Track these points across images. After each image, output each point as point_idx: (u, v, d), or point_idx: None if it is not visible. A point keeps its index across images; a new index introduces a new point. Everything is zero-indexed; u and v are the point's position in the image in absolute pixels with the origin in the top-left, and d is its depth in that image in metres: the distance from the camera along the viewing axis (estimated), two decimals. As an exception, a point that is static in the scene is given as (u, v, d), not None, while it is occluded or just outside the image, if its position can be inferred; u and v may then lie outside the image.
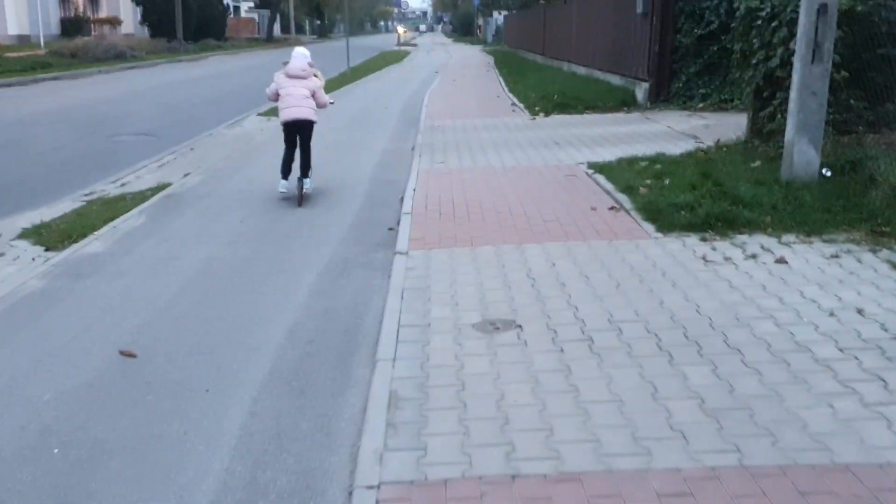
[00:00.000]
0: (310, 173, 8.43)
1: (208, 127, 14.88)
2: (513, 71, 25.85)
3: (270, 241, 7.00)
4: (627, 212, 7.14)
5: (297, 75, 8.46)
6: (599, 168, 9.01)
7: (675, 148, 10.28)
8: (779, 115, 8.36)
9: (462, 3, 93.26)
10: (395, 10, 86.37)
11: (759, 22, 8.57)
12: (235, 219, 7.78)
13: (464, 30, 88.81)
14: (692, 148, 10.13)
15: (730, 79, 10.23)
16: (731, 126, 11.58)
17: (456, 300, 5.09)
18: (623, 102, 15.08)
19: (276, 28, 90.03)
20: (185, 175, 10.09)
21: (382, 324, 4.77)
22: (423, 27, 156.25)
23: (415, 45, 68.32)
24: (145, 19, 51.13)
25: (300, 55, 8.62)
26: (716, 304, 4.85)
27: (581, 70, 21.19)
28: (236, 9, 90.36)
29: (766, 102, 8.80)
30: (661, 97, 14.74)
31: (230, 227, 7.46)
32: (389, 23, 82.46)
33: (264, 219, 7.80)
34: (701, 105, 14.23)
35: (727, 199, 6.93)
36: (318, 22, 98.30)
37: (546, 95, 16.38)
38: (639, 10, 14.92)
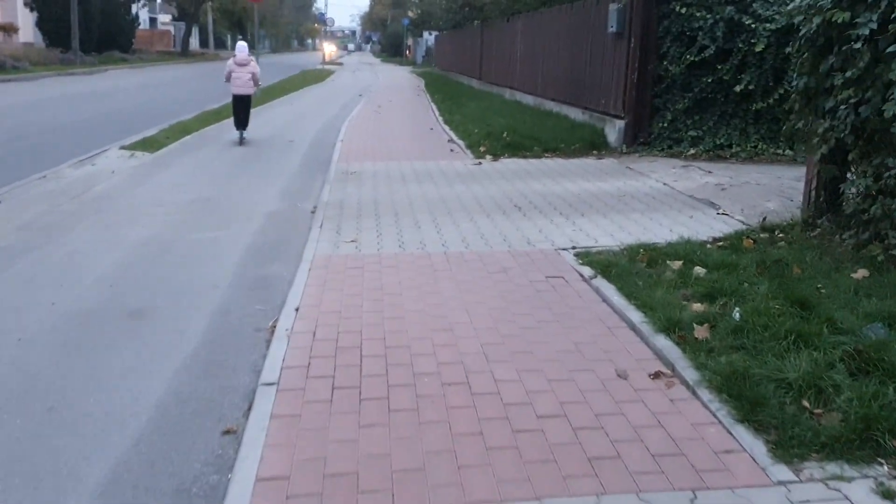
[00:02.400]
0: (247, 126, 13.15)
1: (49, 163, 11.03)
2: (447, 97, 22.55)
3: None
4: (692, 389, 3.79)
5: (243, 63, 12.88)
6: (599, 266, 5.66)
7: (697, 225, 7.05)
8: (881, 197, 5.22)
9: (391, 22, 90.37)
10: (323, 28, 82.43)
11: (857, 45, 5.38)
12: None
13: (393, 50, 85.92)
14: (725, 227, 6.92)
15: (785, 129, 7.04)
16: (756, 189, 8.44)
17: None
18: (592, 145, 11.88)
19: (195, 42, 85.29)
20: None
21: None
22: (351, 46, 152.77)
23: (340, 64, 64.76)
24: (40, 27, 46.20)
25: (243, 47, 13.02)
26: None
27: (528, 99, 18.03)
28: (153, 20, 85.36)
29: (860, 168, 5.63)
30: (640, 139, 11.60)
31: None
32: (317, 40, 78.77)
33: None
34: (692, 151, 11.13)
35: (872, 364, 3.67)
36: (240, 37, 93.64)
37: (493, 132, 13.06)
38: (611, 28, 11.79)
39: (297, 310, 4.87)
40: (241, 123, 13.28)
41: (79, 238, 6.88)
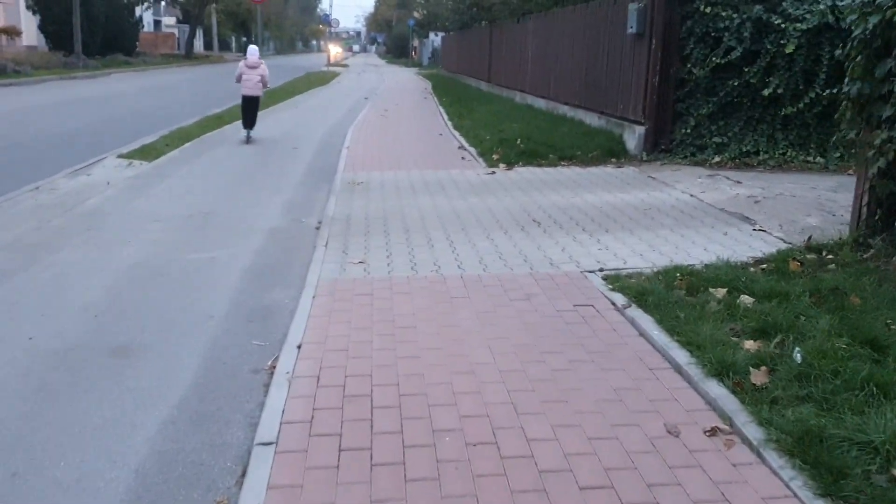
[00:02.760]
0: (254, 126, 13.65)
1: (44, 172, 10.56)
2: (455, 100, 22.02)
3: None
4: (757, 451, 3.26)
5: (253, 65, 13.42)
6: (633, 293, 5.13)
7: (733, 243, 6.51)
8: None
9: (397, 23, 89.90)
10: (328, 30, 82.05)
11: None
12: None
13: (398, 51, 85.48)
14: (765, 246, 6.38)
15: (836, 139, 6.50)
16: (792, 202, 7.89)
17: None
18: (610, 152, 11.33)
19: (200, 44, 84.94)
20: None
21: None
22: (356, 47, 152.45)
23: (346, 65, 64.32)
24: (43, 30, 45.88)
25: (254, 50, 13.54)
26: None
27: (540, 103, 17.49)
28: (157, 23, 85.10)
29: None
30: (662, 146, 11.05)
31: None
32: (322, 42, 78.17)
33: None
34: (717, 159, 10.59)
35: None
36: (245, 39, 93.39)
37: (506, 139, 12.53)
38: (630, 28, 11.25)
39: (299, 347, 4.35)
40: (249, 123, 13.82)
41: (66, 259, 6.38)
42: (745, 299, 4.79)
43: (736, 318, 4.55)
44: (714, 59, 10.42)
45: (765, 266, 5.62)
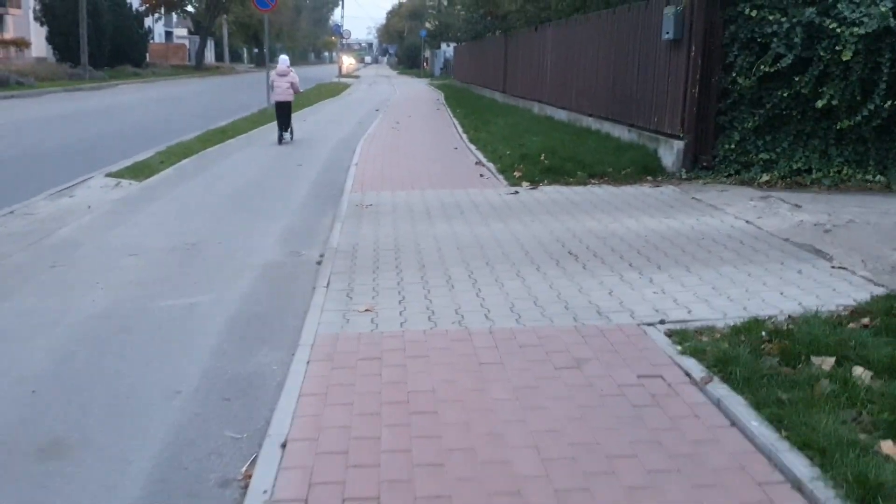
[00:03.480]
0: (289, 129, 15.16)
1: (27, 192, 9.62)
2: (470, 112, 21.00)
3: None
4: None
5: (283, 73, 14.83)
6: (711, 359, 4.05)
7: (813, 285, 5.43)
8: None
9: (408, 34, 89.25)
10: (341, 41, 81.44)
11: None
12: None
13: (410, 62, 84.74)
14: (853, 289, 5.29)
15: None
16: (868, 231, 6.81)
17: None
18: (644, 169, 10.25)
19: (210, 55, 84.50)
20: None
21: None
22: (368, 58, 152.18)
23: (357, 76, 63.56)
24: (50, 41, 45.25)
25: (284, 60, 15.07)
26: None
27: (560, 115, 16.44)
28: (169, 34, 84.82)
29: None
30: (702, 162, 9.97)
31: None
32: (334, 53, 77.72)
33: None
34: (765, 177, 9.50)
35: None
36: (256, 50, 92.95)
37: (527, 154, 11.47)
38: (666, 34, 10.18)
39: (283, 446, 3.29)
40: (283, 125, 15.16)
41: (15, 309, 5.36)
42: (862, 373, 3.71)
43: (856, 401, 3.47)
44: (761, 67, 9.33)
45: (867, 320, 4.52)
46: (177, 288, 5.81)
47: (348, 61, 72.16)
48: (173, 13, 73.53)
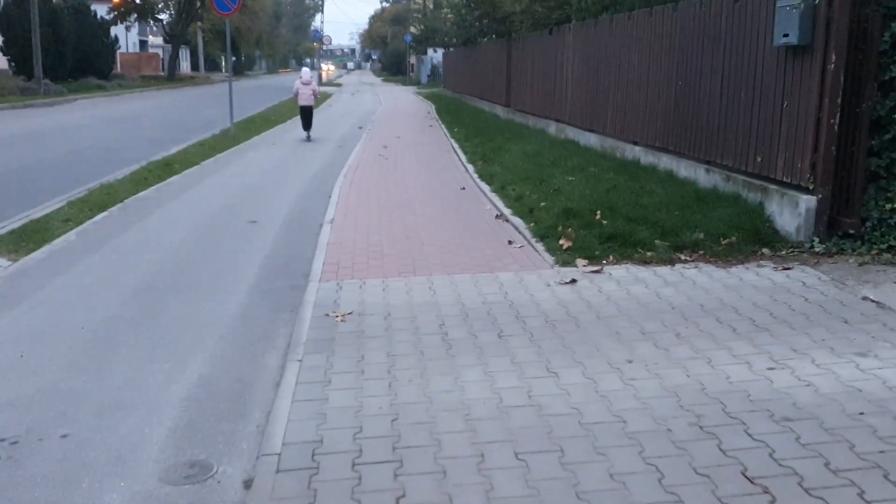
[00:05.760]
0: (311, 128, 18.02)
1: None
2: (470, 131, 17.70)
3: None
4: None
5: (307, 82, 17.64)
6: None
7: None
8: None
9: (392, 39, 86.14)
10: (323, 47, 78.11)
11: None
12: None
13: (394, 68, 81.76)
14: None
15: None
16: None
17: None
18: (753, 235, 6.96)
19: (186, 65, 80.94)
20: None
21: None
22: (350, 65, 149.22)
23: (339, 84, 60.23)
24: (5, 52, 41.57)
25: (306, 72, 18.28)
26: None
27: (589, 139, 13.19)
28: (143, 43, 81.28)
29: None
30: (846, 228, 6.70)
31: None
32: (316, 60, 73.81)
33: None
34: (954, 253, 6.22)
35: None
36: (234, 59, 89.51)
37: (572, 208, 8.16)
38: (784, 38, 6.93)
39: None
40: (307, 127, 18.04)
41: None
42: None
43: None
44: (947, 84, 6.10)
45: None
46: None
47: (325, 67, 68.98)
48: (144, 22, 69.82)
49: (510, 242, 7.58)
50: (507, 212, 8.92)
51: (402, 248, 7.42)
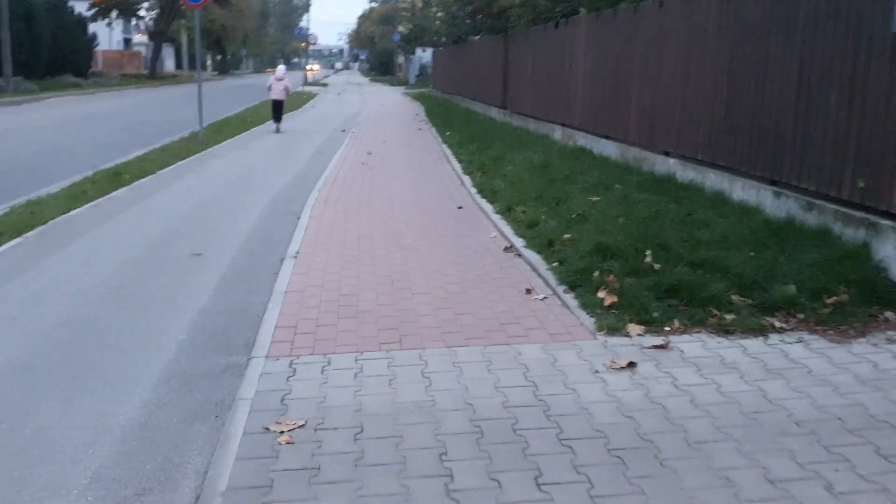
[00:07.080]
0: (281, 120, 18.72)
1: None
2: (464, 137, 15.76)
3: None
4: None
5: (280, 78, 18.55)
6: None
7: None
8: None
9: (380, 39, 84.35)
10: (310, 47, 76.14)
11: None
12: None
13: (382, 68, 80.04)
14: None
15: None
16: None
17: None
18: (871, 290, 5.07)
19: (171, 63, 78.72)
20: None
21: None
22: (338, 65, 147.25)
23: (325, 84, 58.12)
24: (-25, 49, 39.33)
25: (281, 69, 19.44)
26: None
27: (607, 148, 11.31)
28: (127, 41, 79.14)
29: None
30: None
31: None
32: (303, 59, 71.95)
33: None
34: None
35: None
36: (220, 57, 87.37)
37: (608, 244, 6.19)
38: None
39: None
40: (277, 119, 18.76)
41: None
42: None
43: None
44: None
45: None
46: None
47: (310, 67, 67.25)
48: (126, 19, 67.61)
49: (528, 291, 5.67)
50: (517, 242, 7.01)
51: (385, 301, 5.49)
